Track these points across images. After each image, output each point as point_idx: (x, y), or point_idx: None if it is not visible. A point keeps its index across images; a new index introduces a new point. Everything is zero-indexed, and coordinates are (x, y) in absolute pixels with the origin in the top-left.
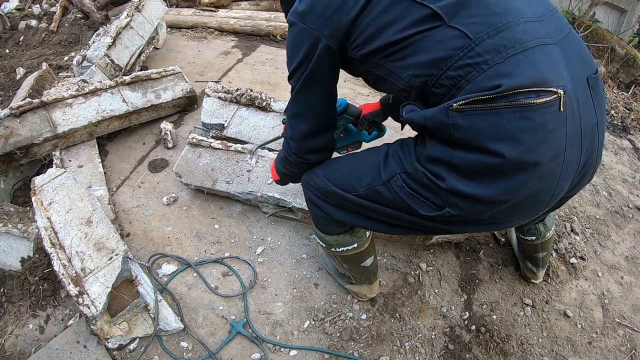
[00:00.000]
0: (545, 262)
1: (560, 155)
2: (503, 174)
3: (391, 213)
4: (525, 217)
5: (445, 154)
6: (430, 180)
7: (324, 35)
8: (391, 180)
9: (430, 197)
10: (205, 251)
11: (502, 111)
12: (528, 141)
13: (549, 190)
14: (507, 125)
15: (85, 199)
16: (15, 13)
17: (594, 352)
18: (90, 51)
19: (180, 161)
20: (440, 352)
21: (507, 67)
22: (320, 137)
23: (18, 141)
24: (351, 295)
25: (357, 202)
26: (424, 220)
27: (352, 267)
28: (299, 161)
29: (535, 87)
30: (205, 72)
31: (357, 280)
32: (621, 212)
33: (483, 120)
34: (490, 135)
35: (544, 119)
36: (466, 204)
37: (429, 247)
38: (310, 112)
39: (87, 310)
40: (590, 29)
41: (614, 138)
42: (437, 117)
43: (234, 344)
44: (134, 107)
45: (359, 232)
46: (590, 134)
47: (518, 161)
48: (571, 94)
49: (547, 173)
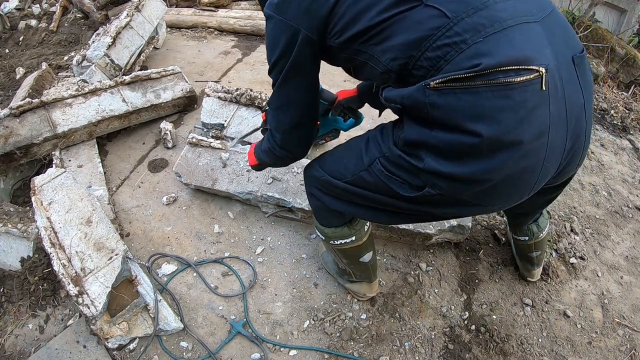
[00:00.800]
0: (540, 261)
1: (544, 135)
2: (482, 153)
3: (377, 198)
4: (511, 200)
5: (422, 135)
6: (408, 162)
7: (303, 26)
8: (372, 165)
9: (408, 178)
10: (205, 251)
11: (481, 90)
12: (507, 120)
13: (533, 171)
14: (486, 104)
15: (85, 198)
16: (15, 13)
17: (593, 352)
18: (90, 51)
19: (180, 161)
20: (440, 352)
21: (486, 46)
22: (304, 128)
23: (18, 141)
24: (351, 295)
25: (347, 189)
26: (408, 204)
27: (351, 263)
28: (283, 154)
29: (515, 66)
30: (205, 72)
31: (357, 278)
32: (621, 212)
33: (460, 99)
34: (468, 115)
35: (524, 97)
36: (445, 183)
37: (429, 247)
38: (293, 104)
39: (86, 310)
40: (590, 29)
41: (614, 138)
42: (414, 96)
43: (233, 344)
44: (133, 107)
45: (356, 225)
46: (577, 115)
47: (497, 140)
48: (554, 73)
49: (529, 153)
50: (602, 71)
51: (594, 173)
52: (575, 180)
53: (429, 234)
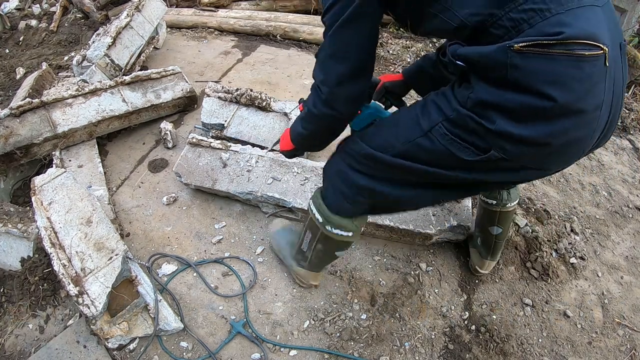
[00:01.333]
0: (496, 249)
1: (599, 109)
2: (551, 117)
3: (427, 170)
4: (563, 165)
5: (495, 95)
6: (477, 123)
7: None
8: (433, 129)
9: (475, 141)
10: (205, 251)
11: (559, 58)
12: (578, 89)
13: (585, 140)
14: (563, 71)
15: (85, 198)
16: (15, 13)
17: (593, 352)
18: (90, 51)
19: (180, 161)
20: (440, 352)
21: (568, 18)
22: (357, 82)
23: (18, 141)
24: (350, 295)
25: (393, 163)
26: (464, 172)
27: (323, 251)
28: (326, 113)
29: (588, 40)
30: (205, 72)
31: (309, 266)
32: (621, 212)
33: (540, 63)
34: (546, 79)
35: (592, 71)
36: (512, 145)
37: (429, 247)
38: (352, 50)
39: (87, 310)
40: None
41: (614, 138)
42: (495, 56)
43: (233, 344)
44: (133, 107)
45: (360, 221)
46: (619, 93)
47: (567, 107)
48: (611, 54)
49: (587, 122)
50: None
51: (594, 173)
52: (576, 180)
53: (429, 234)
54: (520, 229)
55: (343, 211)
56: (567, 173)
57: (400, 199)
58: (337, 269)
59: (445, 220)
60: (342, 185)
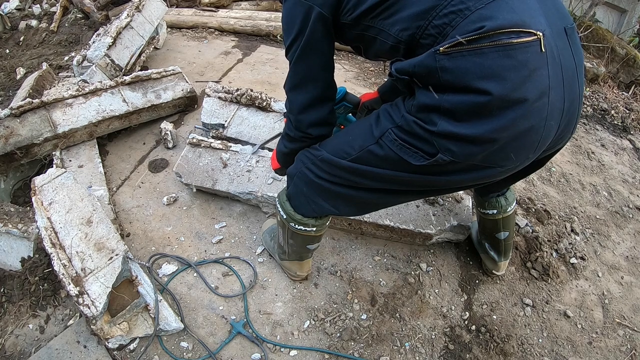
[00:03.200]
0: (507, 250)
1: (545, 95)
2: (492, 112)
3: (382, 174)
4: (518, 159)
5: (434, 99)
6: (421, 128)
7: (317, 3)
8: (383, 136)
9: (422, 145)
10: (206, 251)
11: (486, 51)
12: (513, 79)
13: (538, 130)
14: (492, 64)
15: (86, 199)
16: (16, 13)
17: (594, 352)
18: (91, 51)
19: (181, 161)
20: (440, 352)
21: (488, 12)
22: (319, 108)
23: (18, 141)
24: (351, 295)
25: (350, 168)
26: (417, 175)
27: (295, 244)
28: (300, 136)
29: (515, 28)
30: (206, 72)
31: (289, 257)
32: (621, 212)
33: (469, 60)
34: (477, 74)
35: (526, 57)
36: (458, 146)
37: (429, 247)
38: (308, 82)
39: (87, 310)
40: (590, 29)
41: (614, 138)
42: (425, 63)
43: (234, 344)
44: (134, 107)
45: (323, 219)
46: (571, 79)
47: (505, 98)
48: (550, 39)
49: (534, 111)
50: (602, 71)
51: (594, 173)
52: (576, 180)
53: (429, 234)
54: (521, 229)
55: (306, 212)
56: (568, 173)
57: (360, 202)
58: (337, 269)
59: (446, 220)
60: (304, 187)
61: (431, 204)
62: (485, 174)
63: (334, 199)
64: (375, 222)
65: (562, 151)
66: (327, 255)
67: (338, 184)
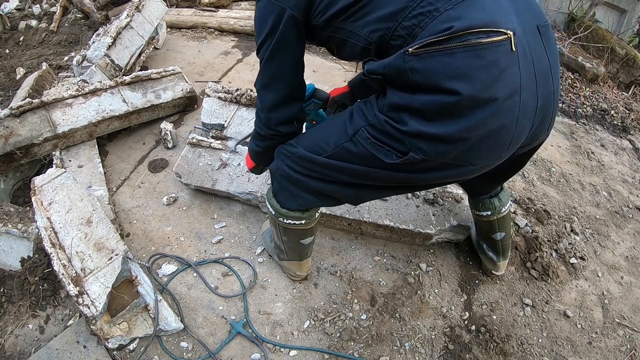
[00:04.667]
0: (505, 250)
1: (516, 94)
2: (461, 112)
3: (358, 170)
4: (490, 157)
5: (405, 99)
6: (392, 127)
7: (289, 5)
8: (356, 134)
9: (393, 144)
10: (205, 251)
11: (455, 51)
12: (482, 78)
13: (509, 128)
14: (461, 64)
15: (85, 199)
16: (15, 13)
17: (594, 352)
18: (90, 51)
19: (180, 161)
20: (440, 352)
21: (457, 12)
22: (288, 107)
23: (18, 141)
24: (350, 295)
25: (326, 164)
26: (391, 172)
27: (290, 241)
28: (269, 133)
29: (485, 28)
30: (205, 72)
31: (288, 256)
32: (621, 212)
33: (438, 61)
34: (446, 75)
35: (496, 57)
36: (429, 145)
37: (429, 247)
38: (278, 81)
39: (87, 310)
40: (590, 29)
41: (614, 138)
42: (395, 63)
43: (234, 344)
44: (134, 107)
45: (310, 211)
46: (544, 78)
47: (474, 98)
48: (521, 38)
49: (504, 110)
50: (602, 71)
51: (594, 173)
52: (576, 180)
53: (429, 234)
54: (520, 229)
55: (292, 206)
56: (567, 173)
57: (340, 195)
58: (337, 269)
59: (445, 220)
60: (286, 183)
61: (431, 204)
62: (458, 172)
63: (315, 193)
64: (375, 222)
65: (561, 151)
66: (326, 255)
67: (317, 179)
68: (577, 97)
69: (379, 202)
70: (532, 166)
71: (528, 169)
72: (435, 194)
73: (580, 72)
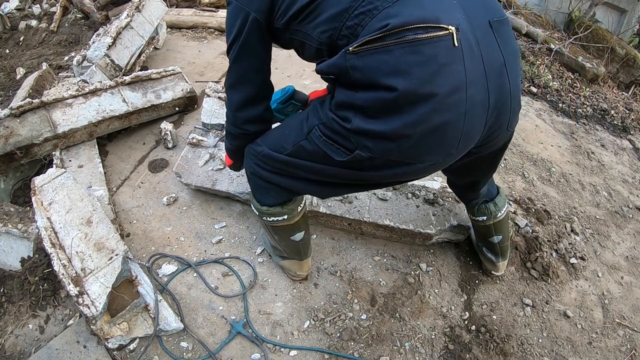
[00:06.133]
0: (504, 251)
1: (461, 90)
2: (401, 108)
3: (316, 167)
4: (438, 155)
5: (349, 97)
6: (339, 125)
7: (252, 9)
8: (310, 132)
9: (341, 141)
10: (205, 251)
11: (392, 48)
12: (420, 74)
13: (456, 125)
14: (399, 60)
15: (85, 199)
16: (15, 13)
17: (594, 353)
18: (91, 51)
19: (180, 161)
20: (440, 352)
21: (394, 10)
22: (254, 107)
23: (18, 141)
24: (350, 295)
25: (287, 162)
26: (342, 169)
27: (281, 239)
28: (238, 132)
29: (423, 24)
30: (206, 72)
31: (287, 255)
32: (621, 212)
33: (376, 58)
34: (383, 71)
35: (435, 52)
36: (373, 143)
37: (429, 247)
38: (244, 82)
39: (87, 310)
40: (590, 29)
41: (614, 138)
42: (338, 63)
43: (234, 344)
44: (134, 107)
45: (290, 205)
46: (497, 74)
47: (412, 93)
48: (467, 33)
49: (448, 106)
50: (602, 71)
51: (594, 173)
52: (576, 180)
53: (429, 234)
54: (520, 229)
55: (269, 201)
56: (567, 173)
57: (305, 191)
58: (337, 269)
59: (446, 220)
60: (257, 180)
61: (431, 204)
62: (408, 169)
63: (284, 189)
64: (375, 222)
65: (562, 151)
66: (327, 255)
67: (283, 176)
68: (577, 97)
69: (379, 202)
70: (532, 166)
71: (528, 169)
72: (436, 194)
73: (580, 72)
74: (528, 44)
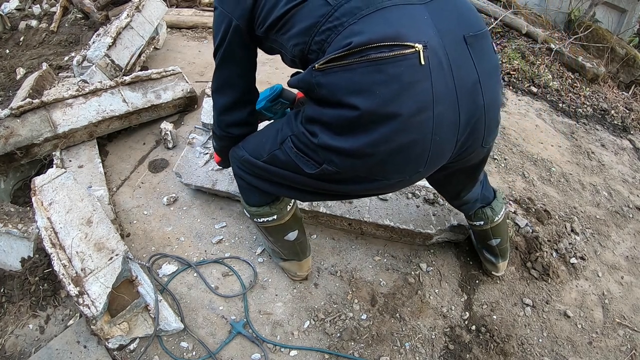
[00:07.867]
0: (504, 252)
1: (427, 109)
2: (365, 126)
3: (290, 176)
4: (405, 173)
5: (316, 112)
6: (307, 139)
7: (234, 16)
8: (283, 143)
9: (311, 154)
10: (206, 251)
11: (356, 67)
12: (383, 93)
13: (423, 144)
14: (361, 79)
15: (86, 199)
16: (16, 13)
17: (594, 352)
18: (91, 51)
19: (180, 161)
20: (441, 352)
21: (359, 27)
22: (238, 111)
23: (18, 141)
24: (351, 295)
25: (265, 168)
26: (313, 181)
27: (276, 240)
28: (222, 134)
29: (387, 42)
30: (206, 72)
31: (285, 256)
32: (621, 212)
33: (340, 77)
34: (347, 90)
35: (399, 71)
36: (338, 158)
37: (429, 247)
38: (227, 87)
39: (87, 310)
40: (590, 29)
41: (614, 138)
42: (305, 79)
43: (234, 344)
44: (134, 107)
45: (279, 205)
46: (470, 92)
47: (375, 113)
48: (437, 50)
49: (413, 126)
50: (602, 71)
51: (594, 173)
52: (576, 180)
53: (429, 234)
54: (521, 229)
55: (256, 201)
56: (567, 173)
57: (285, 195)
58: (337, 269)
59: (446, 220)
60: (241, 182)
61: (431, 204)
62: (375, 185)
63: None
64: (375, 222)
65: (562, 151)
66: (327, 255)
67: (263, 180)
68: (577, 97)
69: (379, 202)
70: (533, 166)
71: (528, 168)
72: (436, 194)
73: (581, 72)
74: (528, 43)
